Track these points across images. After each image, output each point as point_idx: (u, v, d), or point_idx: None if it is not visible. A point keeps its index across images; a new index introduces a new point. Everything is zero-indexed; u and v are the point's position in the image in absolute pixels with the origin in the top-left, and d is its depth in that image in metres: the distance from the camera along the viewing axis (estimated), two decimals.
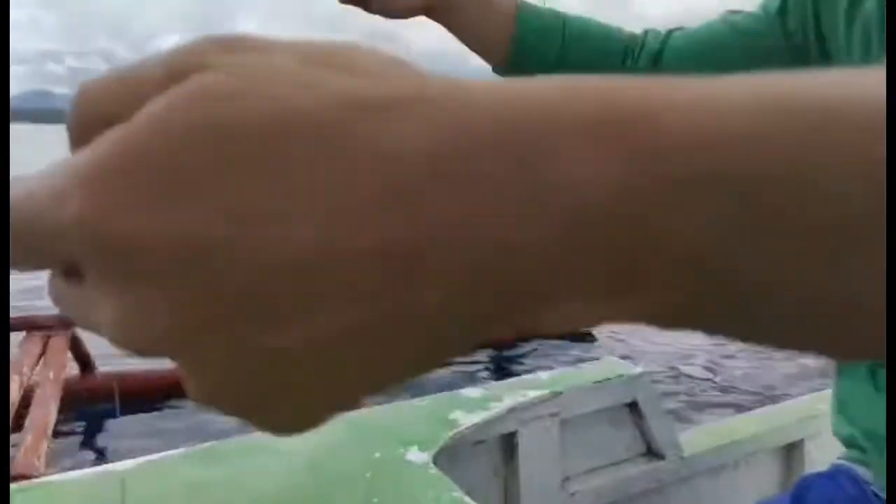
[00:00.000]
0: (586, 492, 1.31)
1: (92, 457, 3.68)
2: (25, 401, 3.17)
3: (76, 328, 3.91)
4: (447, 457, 1.05)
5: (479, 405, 1.17)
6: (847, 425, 0.84)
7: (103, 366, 4.23)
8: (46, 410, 3.13)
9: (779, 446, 1.60)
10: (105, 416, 4.05)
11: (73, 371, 4.00)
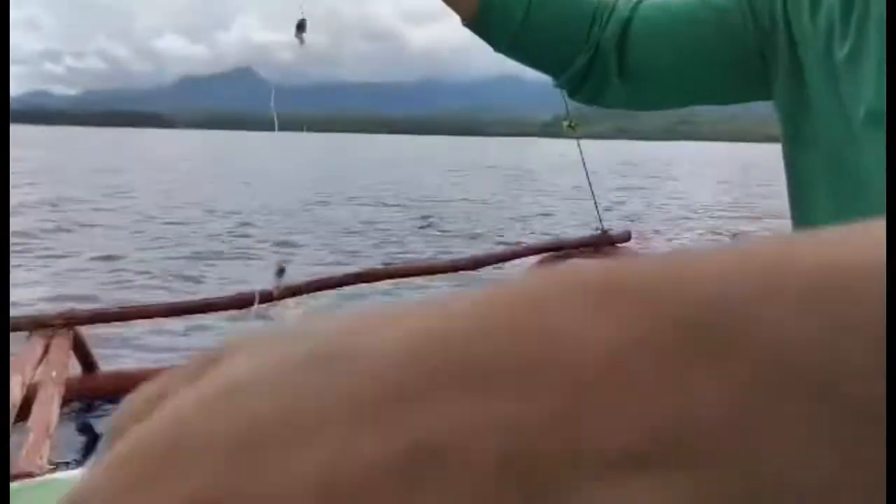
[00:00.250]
0: None
1: (94, 456, 3.68)
2: (28, 400, 3.17)
3: (79, 328, 3.92)
4: None
5: None
6: None
7: (106, 366, 4.24)
8: (49, 409, 3.13)
9: None
10: (107, 416, 4.05)
11: (76, 370, 4.00)
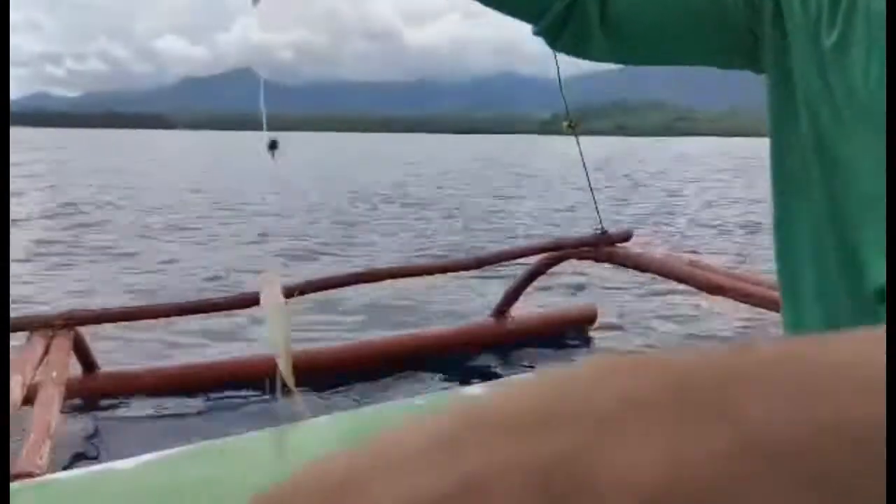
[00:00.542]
0: None
1: (94, 456, 3.69)
2: (28, 400, 3.17)
3: (79, 328, 3.92)
4: None
5: None
6: None
7: (106, 366, 4.23)
8: (49, 410, 3.13)
9: None
10: (108, 416, 4.05)
11: (77, 371, 4.00)
